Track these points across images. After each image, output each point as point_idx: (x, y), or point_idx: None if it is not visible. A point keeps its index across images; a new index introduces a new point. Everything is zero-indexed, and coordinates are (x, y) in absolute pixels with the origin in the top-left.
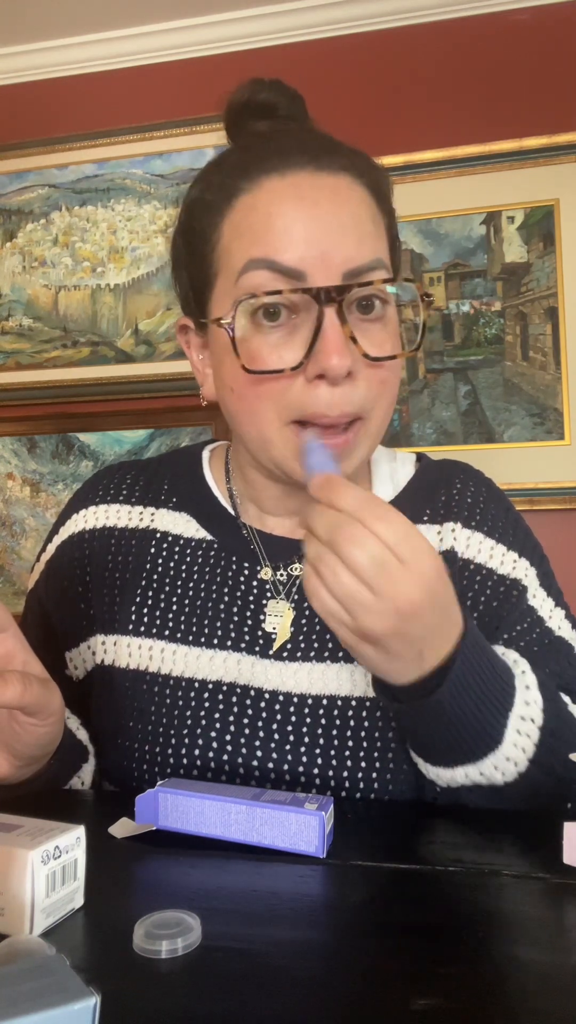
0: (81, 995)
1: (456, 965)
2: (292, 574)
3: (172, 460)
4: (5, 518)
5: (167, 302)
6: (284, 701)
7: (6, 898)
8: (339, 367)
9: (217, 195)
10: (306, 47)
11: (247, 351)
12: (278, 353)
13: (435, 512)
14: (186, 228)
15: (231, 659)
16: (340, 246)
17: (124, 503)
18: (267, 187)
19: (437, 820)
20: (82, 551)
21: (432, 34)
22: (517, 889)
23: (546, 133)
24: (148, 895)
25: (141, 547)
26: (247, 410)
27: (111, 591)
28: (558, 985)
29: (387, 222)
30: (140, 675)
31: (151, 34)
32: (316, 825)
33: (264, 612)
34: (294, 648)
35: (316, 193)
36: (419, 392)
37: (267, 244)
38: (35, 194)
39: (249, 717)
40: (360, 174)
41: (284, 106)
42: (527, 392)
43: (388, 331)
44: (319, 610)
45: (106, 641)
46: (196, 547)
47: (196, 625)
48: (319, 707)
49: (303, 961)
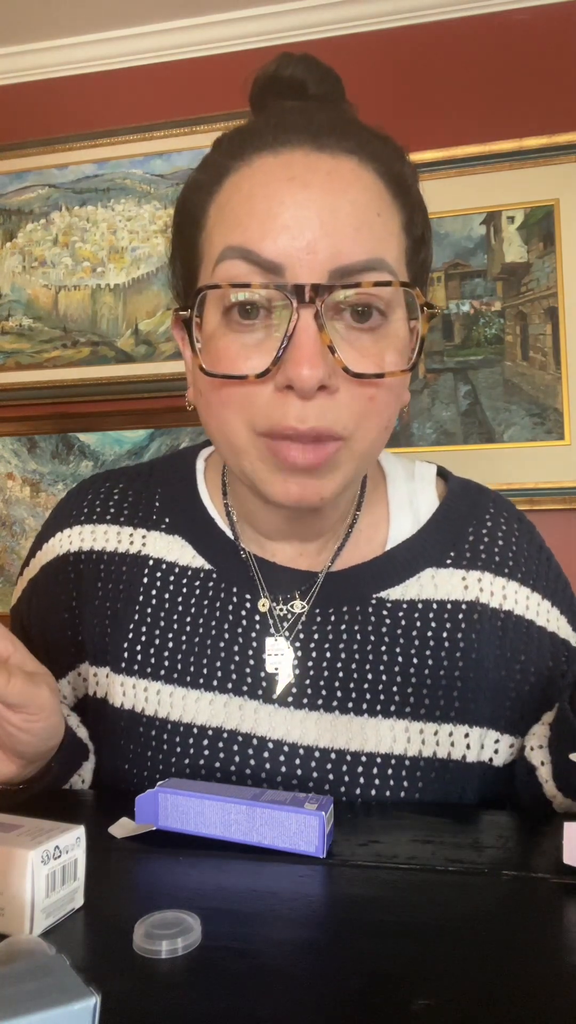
0: (81, 995)
1: (456, 965)
2: (293, 611)
3: (163, 470)
4: (5, 518)
5: (167, 302)
6: (289, 753)
7: (6, 898)
8: (308, 379)
9: (209, 173)
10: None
11: (214, 350)
12: (247, 356)
13: (460, 555)
14: (179, 210)
15: (232, 703)
16: (328, 239)
17: (112, 523)
18: (257, 165)
19: (437, 820)
20: (67, 575)
21: (432, 34)
22: (517, 889)
23: (546, 133)
24: (148, 895)
25: (132, 575)
26: (214, 416)
27: (101, 621)
28: (558, 985)
29: (405, 218)
30: (135, 716)
31: (151, 34)
32: (316, 825)
33: (264, 651)
34: (299, 693)
35: (310, 175)
36: (419, 392)
37: (246, 230)
38: (35, 194)
39: (251, 768)
40: (372, 158)
41: (314, 83)
42: (527, 392)
43: (383, 344)
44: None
45: (98, 673)
46: (193, 577)
47: (194, 664)
48: (326, 762)
49: (303, 961)
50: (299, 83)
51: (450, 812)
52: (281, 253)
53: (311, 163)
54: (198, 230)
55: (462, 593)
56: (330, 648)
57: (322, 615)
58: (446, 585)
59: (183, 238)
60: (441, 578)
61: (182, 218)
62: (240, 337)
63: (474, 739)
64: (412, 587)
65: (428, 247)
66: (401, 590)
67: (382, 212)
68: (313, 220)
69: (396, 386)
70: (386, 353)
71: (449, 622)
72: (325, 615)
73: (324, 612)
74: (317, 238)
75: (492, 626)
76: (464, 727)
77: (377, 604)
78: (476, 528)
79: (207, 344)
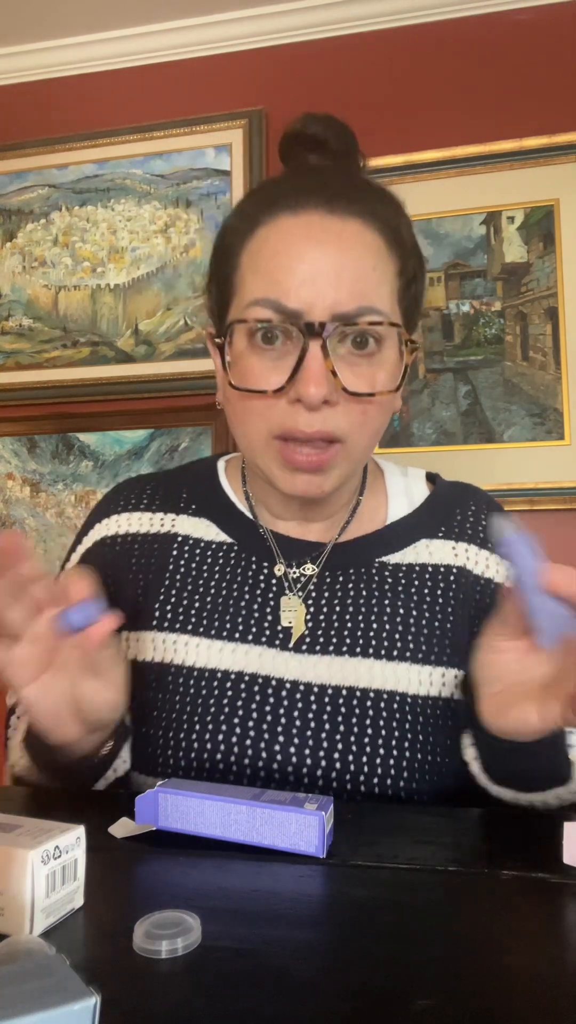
0: (81, 995)
1: (456, 965)
2: (305, 574)
3: (188, 470)
4: (5, 518)
5: (167, 302)
6: (304, 691)
7: (6, 898)
8: (314, 396)
9: (243, 223)
10: (306, 47)
11: (241, 369)
12: (267, 375)
13: (450, 529)
14: (217, 247)
15: (252, 651)
16: (333, 290)
17: (145, 511)
18: (281, 223)
19: (437, 820)
20: (104, 558)
21: (432, 34)
22: (517, 889)
23: (546, 133)
24: (148, 895)
25: (163, 551)
26: (239, 421)
27: (135, 591)
28: (558, 985)
29: (399, 265)
30: (164, 668)
31: (151, 34)
32: (316, 825)
33: (280, 608)
34: (312, 642)
35: (323, 235)
36: (419, 392)
37: (274, 285)
38: (35, 194)
39: (271, 705)
40: (374, 217)
41: (334, 141)
42: (527, 392)
43: (376, 368)
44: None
45: (130, 637)
46: (216, 549)
47: (218, 620)
48: (339, 697)
49: (303, 961)
50: (321, 140)
51: (451, 812)
52: (300, 301)
53: (325, 225)
54: (232, 269)
55: (452, 559)
56: (339, 603)
57: (331, 577)
58: (439, 552)
59: (220, 272)
60: (434, 547)
61: (220, 253)
62: (259, 359)
63: (462, 679)
64: (409, 553)
65: (420, 282)
66: (400, 556)
67: (377, 266)
68: (323, 275)
69: (385, 402)
70: (378, 375)
71: (442, 582)
72: (334, 577)
73: (333, 574)
74: (325, 290)
75: (472, 589)
76: (453, 669)
77: (379, 567)
78: (463, 510)
79: (235, 362)
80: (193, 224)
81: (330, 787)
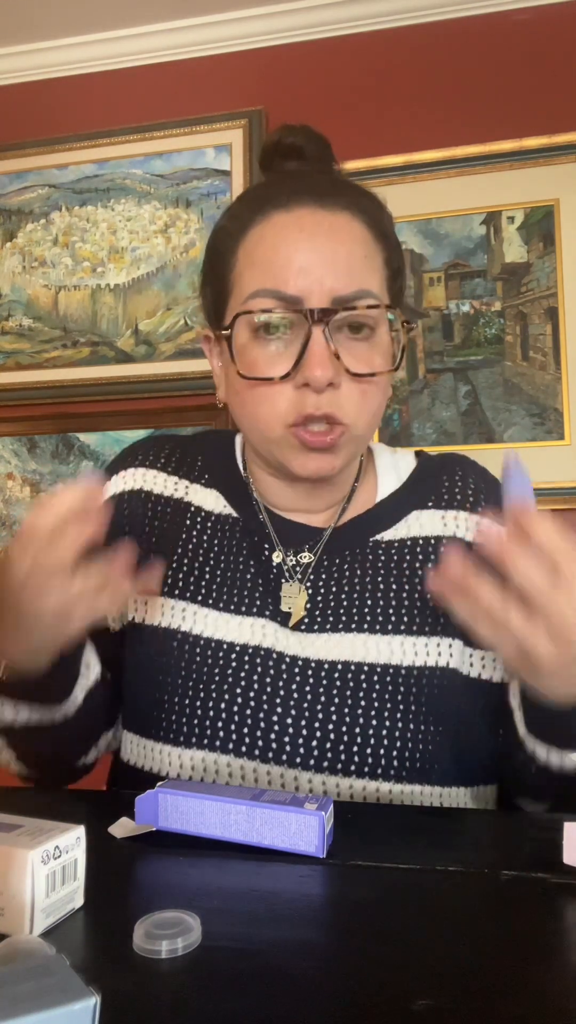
0: (81, 995)
1: (456, 965)
2: (302, 561)
3: (207, 439)
4: (5, 518)
5: (167, 302)
6: (303, 665)
7: (6, 898)
8: (321, 378)
9: (235, 224)
10: (306, 47)
11: (247, 359)
12: (272, 363)
13: (439, 499)
14: (211, 250)
15: (256, 624)
16: (331, 276)
17: (161, 471)
18: (275, 220)
19: (437, 820)
20: (120, 512)
21: (432, 34)
22: (517, 889)
23: (546, 133)
24: (148, 895)
25: (176, 518)
26: (249, 413)
27: (146, 551)
28: (558, 985)
29: (385, 256)
30: (171, 633)
31: (151, 34)
32: (316, 825)
33: (280, 593)
34: (311, 622)
35: (316, 227)
36: (419, 392)
37: (273, 276)
38: (35, 194)
39: (271, 677)
40: (361, 212)
41: (310, 149)
42: (527, 392)
43: (373, 351)
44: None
45: (137, 599)
46: (224, 522)
47: (226, 593)
48: (334, 672)
49: (303, 961)
50: (298, 148)
51: (450, 812)
52: (299, 289)
53: (316, 218)
54: (228, 268)
55: (442, 530)
56: (336, 585)
57: (328, 561)
58: (429, 524)
59: (215, 273)
60: (425, 518)
61: (214, 255)
62: (264, 349)
63: (456, 650)
64: (401, 528)
65: (403, 276)
66: (392, 532)
67: (367, 254)
68: (320, 263)
69: (383, 382)
70: (375, 357)
71: (433, 554)
72: (331, 561)
73: (330, 559)
74: (323, 277)
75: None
76: (448, 639)
77: (373, 546)
78: (450, 477)
79: (240, 354)
80: (193, 224)
81: (325, 756)
